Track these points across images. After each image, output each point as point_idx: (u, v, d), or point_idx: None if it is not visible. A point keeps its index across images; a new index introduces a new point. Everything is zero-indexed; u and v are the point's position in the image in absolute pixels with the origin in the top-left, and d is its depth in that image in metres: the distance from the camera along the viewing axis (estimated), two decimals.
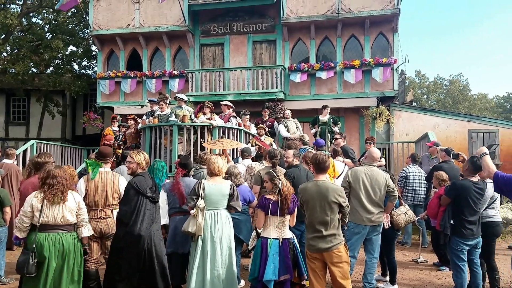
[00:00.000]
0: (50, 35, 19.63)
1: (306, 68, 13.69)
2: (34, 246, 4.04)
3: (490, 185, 5.33)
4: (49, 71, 19.65)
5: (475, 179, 4.99)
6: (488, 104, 45.45)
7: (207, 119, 9.30)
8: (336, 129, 11.01)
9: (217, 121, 9.38)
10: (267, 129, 10.66)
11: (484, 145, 12.67)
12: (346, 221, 4.52)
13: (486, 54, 77.64)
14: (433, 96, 45.48)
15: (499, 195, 5.38)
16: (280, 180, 4.40)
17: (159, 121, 9.38)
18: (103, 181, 4.87)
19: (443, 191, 5.26)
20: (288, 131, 10.85)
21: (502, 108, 44.64)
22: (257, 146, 9.49)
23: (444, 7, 79.86)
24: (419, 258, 7.15)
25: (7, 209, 5.86)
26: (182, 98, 10.03)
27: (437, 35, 79.45)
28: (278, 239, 4.34)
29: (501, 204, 5.63)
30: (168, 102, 9.81)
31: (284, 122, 11.11)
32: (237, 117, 10.46)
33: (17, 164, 8.68)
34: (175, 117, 9.41)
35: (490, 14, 78.55)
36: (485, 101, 45.67)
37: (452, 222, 4.99)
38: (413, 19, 76.04)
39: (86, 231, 4.39)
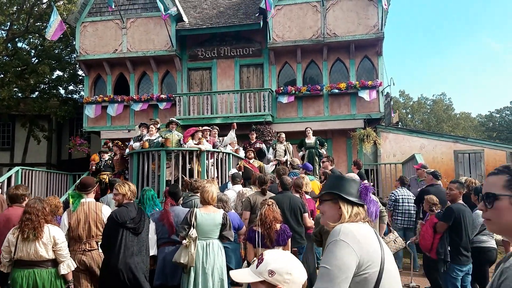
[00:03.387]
0: (36, 60, 19.54)
1: (293, 91, 13.81)
2: (9, 282, 3.94)
3: (480, 212, 5.37)
4: (34, 96, 19.47)
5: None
6: (471, 123, 46.30)
7: (195, 143, 9.26)
8: (323, 150, 11.02)
9: (205, 145, 9.34)
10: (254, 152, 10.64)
11: (470, 166, 12.83)
12: None
13: (468, 74, 79.47)
14: (418, 115, 46.19)
15: None
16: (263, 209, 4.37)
17: (149, 145, 9.32)
18: (85, 212, 4.76)
19: (435, 219, 5.25)
20: (275, 155, 10.83)
21: (485, 127, 45.48)
22: (239, 166, 9.44)
23: (426, 29, 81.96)
24: (411, 282, 7.10)
25: None
26: (176, 122, 9.95)
27: (419, 56, 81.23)
28: None
29: None
30: (158, 127, 9.79)
31: (273, 145, 11.10)
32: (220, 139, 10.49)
33: (1, 193, 8.46)
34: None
35: (470, 36, 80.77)
36: (469, 120, 46.54)
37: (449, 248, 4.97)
38: (396, 41, 77.69)
39: (65, 268, 4.17)
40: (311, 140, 10.97)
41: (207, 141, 9.98)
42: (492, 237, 5.46)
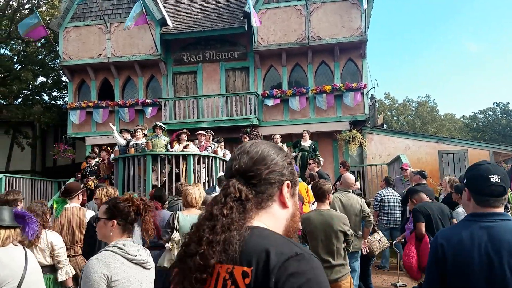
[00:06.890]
0: (19, 66, 19.27)
1: (279, 94, 13.85)
2: None
3: (460, 210, 5.44)
4: (17, 103, 19.19)
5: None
6: (455, 124, 46.95)
7: (182, 147, 9.22)
8: (317, 154, 11.00)
9: (192, 149, 9.31)
10: None
11: (454, 165, 13.00)
12: (350, 250, 4.42)
13: (451, 76, 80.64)
14: (403, 117, 46.69)
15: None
16: None
17: (135, 151, 9.26)
18: (69, 218, 4.71)
19: (414, 234, 5.21)
20: None
21: (469, 128, 46.13)
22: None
23: (410, 33, 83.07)
24: (398, 282, 7.15)
25: None
26: (161, 126, 9.89)
27: (404, 59, 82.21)
28: None
29: None
30: (146, 132, 9.73)
31: None
32: (215, 144, 10.37)
33: None
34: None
35: (451, 39, 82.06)
36: (453, 121, 47.19)
37: None
38: (381, 44, 78.57)
39: (63, 274, 4.10)
40: (306, 143, 10.99)
41: (201, 145, 9.94)
42: None
